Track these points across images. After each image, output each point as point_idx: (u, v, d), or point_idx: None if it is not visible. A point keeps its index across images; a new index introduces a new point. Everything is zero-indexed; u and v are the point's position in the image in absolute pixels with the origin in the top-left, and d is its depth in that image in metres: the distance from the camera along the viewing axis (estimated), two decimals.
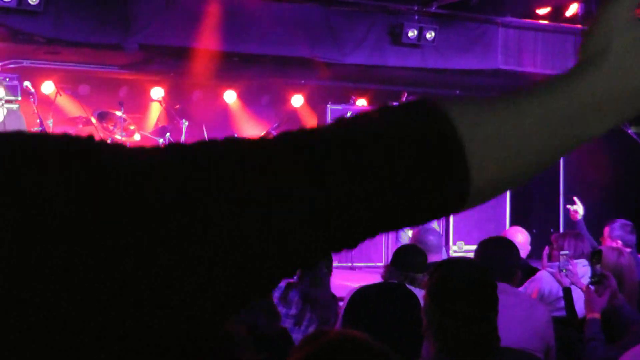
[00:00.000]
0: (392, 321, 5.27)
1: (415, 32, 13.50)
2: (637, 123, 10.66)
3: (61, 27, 11.71)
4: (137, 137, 14.11)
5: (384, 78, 14.95)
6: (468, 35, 14.18)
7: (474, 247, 5.81)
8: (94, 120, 13.85)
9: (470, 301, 3.33)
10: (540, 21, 14.60)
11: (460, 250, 14.53)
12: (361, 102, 15.68)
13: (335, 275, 8.61)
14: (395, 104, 0.98)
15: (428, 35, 13.57)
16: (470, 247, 13.69)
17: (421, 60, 13.90)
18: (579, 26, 14.08)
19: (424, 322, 3.41)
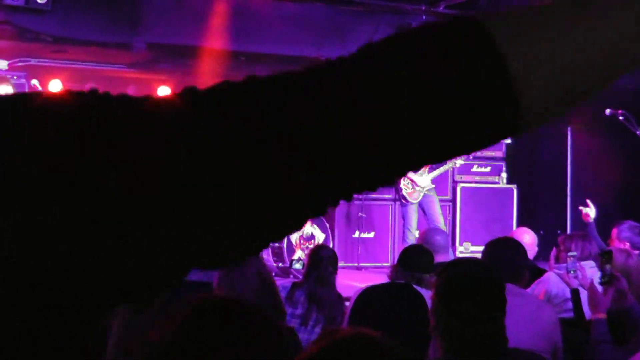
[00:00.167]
0: (399, 321, 5.25)
1: None
2: None
3: (69, 26, 11.70)
4: None
5: None
6: None
7: (480, 248, 5.79)
8: None
9: (477, 301, 3.31)
10: None
11: (467, 251, 14.50)
12: None
13: (342, 275, 8.61)
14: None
15: None
16: (477, 248, 13.67)
17: None
18: None
19: (431, 322, 3.39)
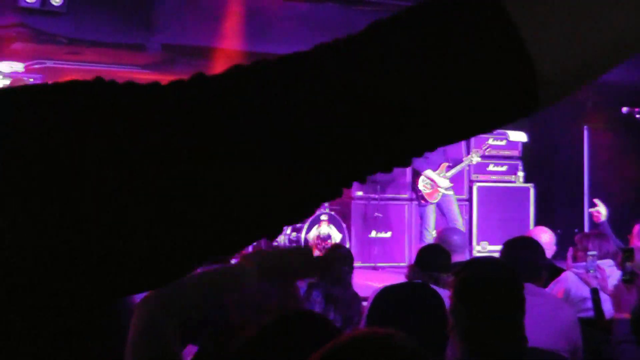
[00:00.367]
0: (417, 321, 5.24)
1: None
2: None
3: (83, 28, 11.75)
4: None
5: None
6: None
7: (497, 248, 5.78)
8: None
9: (497, 301, 3.29)
10: None
11: (484, 250, 14.49)
12: None
13: (359, 276, 8.61)
14: None
15: None
16: (494, 248, 13.66)
17: None
18: None
19: (450, 322, 3.38)
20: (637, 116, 10.74)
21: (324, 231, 12.78)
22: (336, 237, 12.84)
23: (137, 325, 2.23)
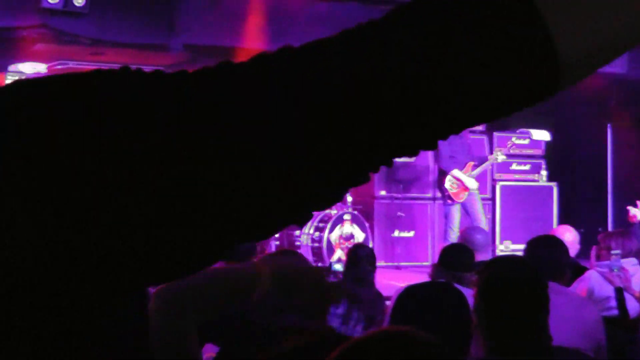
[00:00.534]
0: (440, 320, 5.22)
1: None
2: None
3: (106, 28, 11.79)
4: None
5: None
6: None
7: (520, 247, 5.78)
8: None
9: (521, 300, 3.28)
10: None
11: (507, 249, 14.45)
12: None
13: (381, 275, 8.61)
14: None
15: None
16: (517, 247, 13.62)
17: None
18: None
19: (474, 320, 3.37)
20: None
21: (346, 231, 12.77)
22: (359, 236, 12.83)
23: (154, 326, 2.23)
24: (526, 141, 15.28)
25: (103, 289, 0.82)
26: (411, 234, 14.23)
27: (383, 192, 14.05)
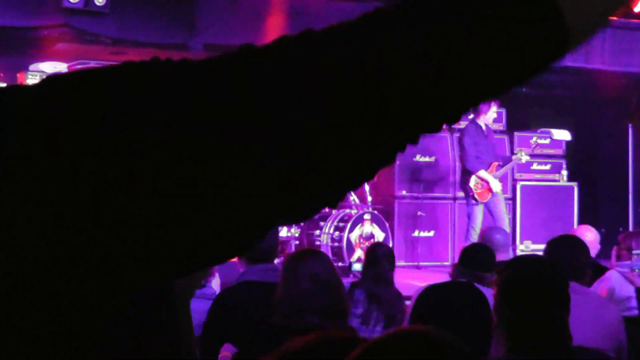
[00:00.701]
0: (461, 320, 5.22)
1: None
2: None
3: (126, 28, 11.82)
4: None
5: None
6: None
7: (541, 246, 5.76)
8: None
9: (541, 300, 3.28)
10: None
11: (527, 249, 14.41)
12: None
13: (402, 275, 8.59)
14: None
15: None
16: (538, 247, 13.57)
17: None
18: None
19: (494, 320, 3.37)
20: None
21: (367, 230, 12.75)
22: (379, 236, 12.81)
23: None
24: (547, 141, 15.23)
25: (103, 289, 0.82)
26: (432, 233, 14.20)
27: (404, 192, 14.03)
